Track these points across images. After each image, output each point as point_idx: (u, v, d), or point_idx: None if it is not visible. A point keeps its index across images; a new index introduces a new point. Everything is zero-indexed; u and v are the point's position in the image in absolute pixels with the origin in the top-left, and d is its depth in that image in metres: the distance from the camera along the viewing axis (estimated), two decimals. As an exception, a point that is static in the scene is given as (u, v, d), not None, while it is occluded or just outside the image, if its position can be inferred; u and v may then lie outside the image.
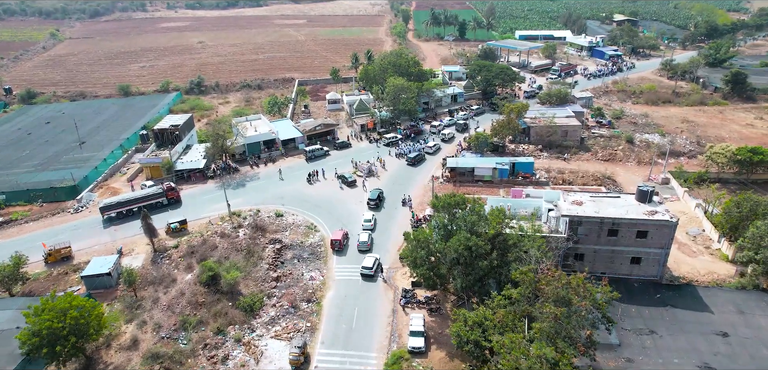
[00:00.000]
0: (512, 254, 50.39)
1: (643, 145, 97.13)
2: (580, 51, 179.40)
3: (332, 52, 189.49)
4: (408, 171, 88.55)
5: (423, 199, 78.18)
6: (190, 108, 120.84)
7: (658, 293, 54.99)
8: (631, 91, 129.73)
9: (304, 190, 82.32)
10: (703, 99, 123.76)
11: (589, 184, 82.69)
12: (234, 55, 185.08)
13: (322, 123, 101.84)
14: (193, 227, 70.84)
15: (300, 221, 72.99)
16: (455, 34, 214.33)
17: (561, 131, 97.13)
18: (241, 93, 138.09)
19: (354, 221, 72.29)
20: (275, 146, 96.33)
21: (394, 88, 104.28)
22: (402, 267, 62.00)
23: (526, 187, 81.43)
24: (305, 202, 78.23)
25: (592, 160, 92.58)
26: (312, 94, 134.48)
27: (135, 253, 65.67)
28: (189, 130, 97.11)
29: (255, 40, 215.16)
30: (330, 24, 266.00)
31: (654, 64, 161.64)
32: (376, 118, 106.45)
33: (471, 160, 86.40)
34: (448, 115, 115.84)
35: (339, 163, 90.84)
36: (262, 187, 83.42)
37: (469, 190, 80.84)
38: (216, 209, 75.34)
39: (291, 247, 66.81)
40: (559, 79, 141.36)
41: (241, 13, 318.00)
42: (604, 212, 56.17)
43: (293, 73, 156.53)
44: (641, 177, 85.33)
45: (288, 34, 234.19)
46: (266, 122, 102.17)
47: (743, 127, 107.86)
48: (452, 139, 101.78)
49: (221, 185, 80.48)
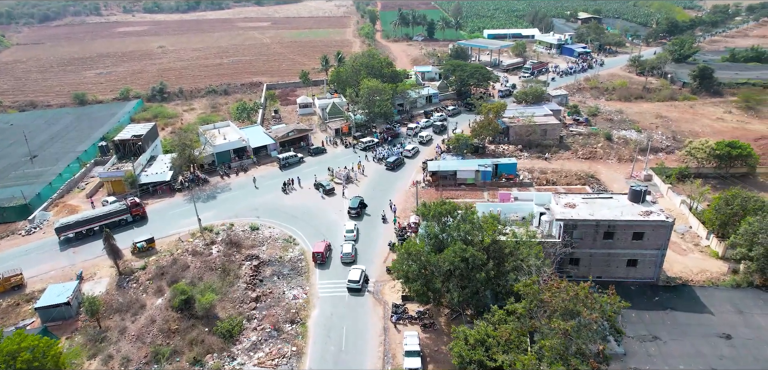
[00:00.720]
0: (509, 263, 47.76)
1: (621, 142, 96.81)
2: (549, 49, 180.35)
3: (300, 54, 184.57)
4: (387, 176, 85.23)
5: (405, 205, 75.02)
6: (152, 116, 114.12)
7: (656, 296, 53.46)
8: (603, 88, 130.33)
9: (279, 200, 77.86)
10: (673, 94, 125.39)
11: (573, 183, 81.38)
12: (197, 60, 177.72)
13: (295, 128, 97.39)
14: (162, 246, 65.46)
15: (277, 233, 68.59)
16: (424, 34, 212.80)
17: (540, 130, 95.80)
18: (206, 99, 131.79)
19: (335, 232, 68.43)
20: (246, 154, 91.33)
21: (368, 90, 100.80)
22: (390, 279, 58.69)
23: (511, 189, 79.73)
24: (281, 213, 73.83)
25: (572, 158, 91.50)
26: (281, 99, 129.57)
27: (97, 277, 59.92)
28: (153, 140, 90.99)
29: (218, 44, 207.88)
30: (295, 26, 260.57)
31: (621, 60, 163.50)
32: (350, 122, 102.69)
33: (452, 163, 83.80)
34: (423, 116, 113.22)
35: (315, 170, 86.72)
36: (235, 198, 78.48)
37: (452, 194, 78.16)
38: (185, 224, 70.11)
39: (269, 263, 62.39)
40: (532, 77, 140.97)
41: (203, 17, 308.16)
42: (599, 214, 54.28)
43: (260, 77, 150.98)
44: (623, 175, 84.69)
45: (252, 36, 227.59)
46: (236, 129, 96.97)
47: (714, 121, 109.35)
48: (430, 141, 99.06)
49: (190, 198, 75.19)
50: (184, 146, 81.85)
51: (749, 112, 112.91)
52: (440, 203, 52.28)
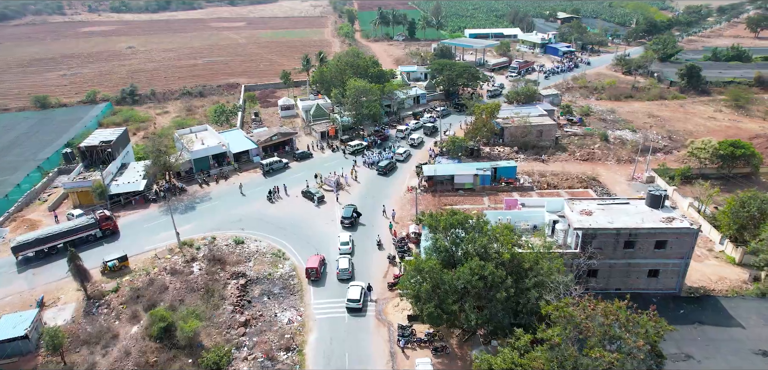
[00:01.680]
0: (529, 279, 43.23)
1: (617, 142, 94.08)
2: (533, 48, 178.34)
3: (278, 54, 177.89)
4: (380, 182, 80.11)
5: (402, 213, 70.02)
6: (123, 120, 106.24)
7: (681, 308, 49.77)
8: (592, 87, 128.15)
9: (265, 209, 71.88)
10: (662, 93, 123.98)
11: (574, 186, 77.77)
12: (169, 61, 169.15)
13: (278, 132, 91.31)
14: (136, 264, 58.82)
15: (264, 247, 62.66)
16: (405, 33, 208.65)
17: (536, 131, 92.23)
18: (181, 102, 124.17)
19: (328, 244, 62.93)
20: (226, 160, 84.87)
21: (355, 90, 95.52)
22: (392, 296, 53.64)
23: (511, 193, 75.67)
24: (268, 224, 67.90)
25: (570, 160, 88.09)
26: (261, 100, 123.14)
27: (61, 303, 53.01)
28: (123, 147, 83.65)
29: (191, 45, 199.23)
30: (271, 26, 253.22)
31: (605, 60, 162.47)
32: (337, 125, 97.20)
33: (449, 166, 79.21)
34: (412, 118, 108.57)
35: (301, 176, 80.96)
36: (215, 208, 72.12)
37: (450, 200, 73.72)
38: (162, 239, 63.54)
39: (258, 281, 56.48)
40: (519, 76, 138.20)
41: (174, 17, 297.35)
42: (619, 221, 50.29)
43: (238, 77, 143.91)
44: (624, 177, 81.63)
45: (227, 37, 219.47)
46: (214, 133, 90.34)
47: (706, 120, 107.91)
48: (422, 144, 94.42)
49: (166, 209, 68.56)
50: (158, 152, 75.02)
51: (739, 111, 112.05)
52: (451, 214, 47.43)
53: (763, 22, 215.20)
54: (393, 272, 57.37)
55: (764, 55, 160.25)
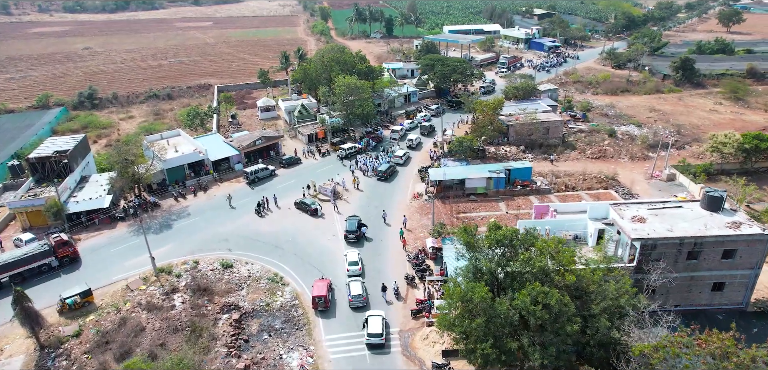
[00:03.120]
0: (596, 304, 35.74)
1: (626, 138, 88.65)
2: (516, 44, 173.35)
3: (250, 53, 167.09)
4: (381, 188, 71.72)
5: (411, 223, 61.79)
6: (81, 127, 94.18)
7: (754, 327, 43.26)
8: (587, 82, 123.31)
9: (253, 225, 62.40)
10: (657, 87, 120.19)
11: (593, 187, 71.36)
12: (132, 62, 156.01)
13: (262, 136, 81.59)
14: (103, 299, 48.59)
15: (258, 271, 53.32)
16: (382, 31, 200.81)
17: (542, 128, 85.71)
18: (147, 105, 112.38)
19: (333, 265, 54.17)
20: (204, 169, 74.80)
21: (346, 88, 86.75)
22: (417, 325, 45.45)
23: (528, 197, 68.65)
24: (258, 242, 58.53)
25: (581, 159, 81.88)
26: (237, 102, 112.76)
27: (5, 356, 42.42)
28: (83, 157, 72.45)
29: (155, 45, 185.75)
30: (240, 25, 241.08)
31: (590, 54, 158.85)
32: (326, 126, 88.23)
33: (458, 170, 71.47)
34: (405, 117, 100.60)
35: (291, 185, 71.91)
36: (196, 226, 62.14)
37: (463, 207, 66.06)
38: (134, 265, 53.42)
39: (255, 314, 47.20)
40: (509, 72, 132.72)
41: (134, 17, 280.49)
42: (679, 229, 43.49)
43: (209, 78, 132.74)
44: (641, 175, 75.81)
45: (194, 36, 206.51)
46: (189, 139, 79.97)
47: (708, 113, 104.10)
48: (420, 145, 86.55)
49: (138, 228, 58.38)
50: (125, 162, 64.43)
51: (739, 103, 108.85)
52: (494, 228, 39.42)
53: (734, 17, 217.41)
54: (414, 297, 49.16)
55: (746, 48, 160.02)
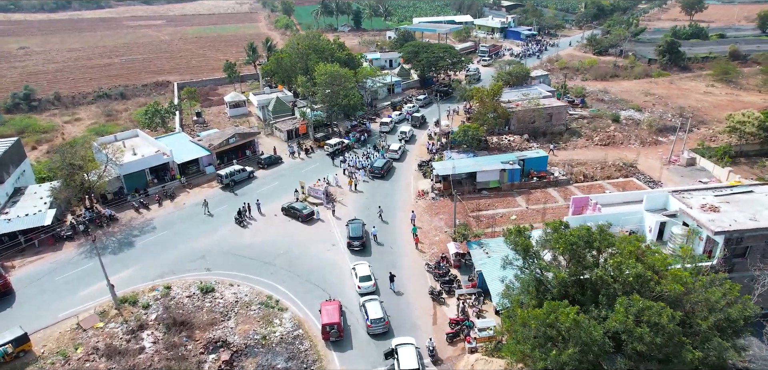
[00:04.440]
0: (703, 319, 27.97)
1: (630, 123, 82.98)
2: (491, 33, 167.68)
3: (211, 49, 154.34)
4: (377, 187, 62.68)
5: (421, 224, 53.06)
6: (16, 131, 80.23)
7: None
8: (574, 68, 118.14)
9: (235, 237, 52.09)
10: (646, 71, 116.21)
11: (613, 176, 64.71)
12: (77, 61, 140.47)
13: (237, 133, 70.88)
14: (46, 345, 37.40)
15: (246, 294, 43.26)
16: (350, 24, 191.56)
17: (545, 115, 78.80)
18: (96, 106, 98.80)
19: (338, 280, 44.79)
20: (170, 173, 63.65)
21: (328, 76, 77.08)
22: (456, 352, 36.73)
23: (546, 189, 61.15)
24: (243, 258, 48.34)
25: (589, 146, 75.44)
26: (201, 99, 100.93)
27: None
28: (16, 165, 59.90)
29: (103, 44, 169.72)
30: (197, 23, 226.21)
31: (567, 42, 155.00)
32: (308, 121, 78.35)
33: (466, 162, 63.09)
34: (392, 109, 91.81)
35: (274, 188, 62.00)
36: (164, 242, 51.22)
37: (476, 204, 57.84)
38: (87, 297, 42.36)
39: (249, 351, 37.20)
40: (491, 60, 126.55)
41: (78, 16, 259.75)
42: (765, 218, 36.59)
43: (167, 75, 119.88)
44: (657, 160, 69.83)
45: (146, 35, 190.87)
46: (149, 140, 68.44)
47: (703, 95, 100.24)
48: (413, 138, 77.98)
49: (90, 249, 47.17)
50: (71, 169, 52.72)
51: (731, 85, 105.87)
52: (566, 230, 31.14)
53: (697, 5, 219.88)
54: (442, 314, 40.44)
55: (719, 33, 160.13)
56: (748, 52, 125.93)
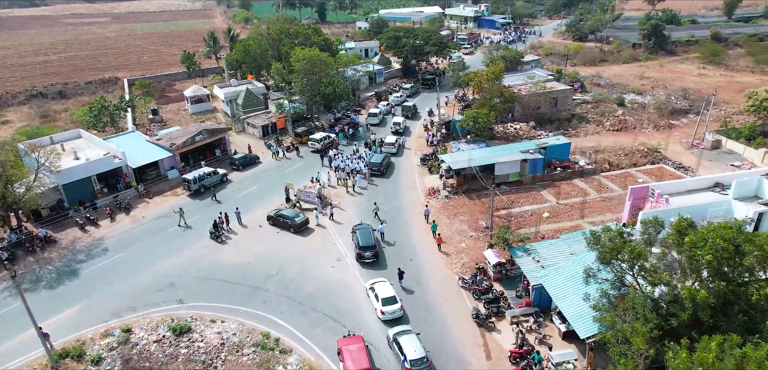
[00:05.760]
0: None
1: (636, 107, 77.02)
2: (465, 22, 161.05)
3: (165, 45, 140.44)
4: (378, 187, 53.18)
5: (442, 229, 44.00)
6: (-76, 137, 65.89)
7: None
8: (560, 54, 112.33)
9: (212, 256, 41.34)
10: (634, 55, 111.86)
11: (638, 163, 57.72)
12: (5, 59, 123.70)
13: (204, 129, 59.58)
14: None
15: (234, 332, 32.89)
16: (314, 16, 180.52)
17: (551, 99, 71.56)
18: (29, 106, 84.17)
19: (350, 305, 35.07)
20: (124, 180, 51.98)
21: (307, 62, 66.89)
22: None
23: (572, 181, 53.43)
24: (225, 283, 37.81)
25: (601, 132, 68.66)
26: (156, 96, 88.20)
27: None
28: None
29: (39, 41, 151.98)
30: (146, 20, 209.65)
31: (543, 30, 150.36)
32: (287, 114, 67.94)
33: (479, 153, 54.38)
34: (376, 100, 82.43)
35: (254, 192, 51.55)
36: (119, 268, 39.88)
37: (496, 201, 49.27)
38: (7, 354, 30.88)
39: (247, 417, 27.06)
40: (471, 48, 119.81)
41: (9, 13, 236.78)
42: None
43: (115, 72, 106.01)
44: (677, 144, 63.59)
45: (89, 31, 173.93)
46: (95, 141, 56.37)
47: (697, 77, 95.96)
48: (407, 130, 68.98)
49: (11, 286, 35.42)
50: (-9, 179, 40.62)
51: (721, 67, 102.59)
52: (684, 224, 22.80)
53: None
54: (494, 344, 31.46)
55: (690, 19, 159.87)
56: (728, 36, 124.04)
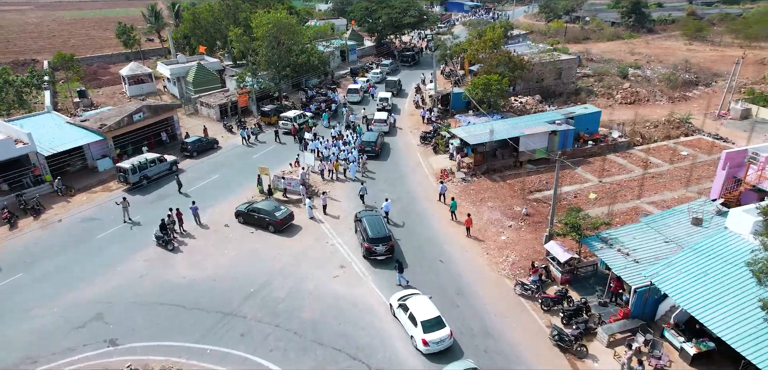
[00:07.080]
0: None
1: (640, 79, 70.09)
2: (431, 5, 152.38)
3: (97, 29, 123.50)
4: (375, 171, 42.35)
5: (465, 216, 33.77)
6: None
7: None
8: (541, 32, 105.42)
9: (160, 270, 29.06)
10: (617, 33, 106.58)
11: (672, 135, 49.80)
12: None
13: (144, 106, 46.43)
14: None
15: (199, 385, 21.20)
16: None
17: (555, 71, 63.08)
18: None
19: (369, 334, 24.03)
20: (32, 173, 38.52)
21: (275, 27, 55.01)
22: None
23: (607, 156, 44.58)
24: (183, 309, 25.84)
25: (614, 106, 60.93)
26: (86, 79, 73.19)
27: None
28: None
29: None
30: (76, 7, 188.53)
31: (517, 13, 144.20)
32: (250, 91, 55.76)
33: (499, 125, 44.32)
34: (352, 77, 71.53)
35: (214, 182, 39.54)
36: (20, 294, 27.03)
37: (527, 183, 39.72)
38: None
39: None
40: (445, 28, 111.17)
41: None
42: None
43: (34, 55, 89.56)
44: (709, 116, 56.49)
45: (5, 17, 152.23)
46: (-5, 123, 42.33)
47: (687, 53, 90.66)
48: (395, 108, 58.51)
49: None
50: None
51: (706, 43, 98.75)
52: None
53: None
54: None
55: (656, 2, 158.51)
56: (703, 15, 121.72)
